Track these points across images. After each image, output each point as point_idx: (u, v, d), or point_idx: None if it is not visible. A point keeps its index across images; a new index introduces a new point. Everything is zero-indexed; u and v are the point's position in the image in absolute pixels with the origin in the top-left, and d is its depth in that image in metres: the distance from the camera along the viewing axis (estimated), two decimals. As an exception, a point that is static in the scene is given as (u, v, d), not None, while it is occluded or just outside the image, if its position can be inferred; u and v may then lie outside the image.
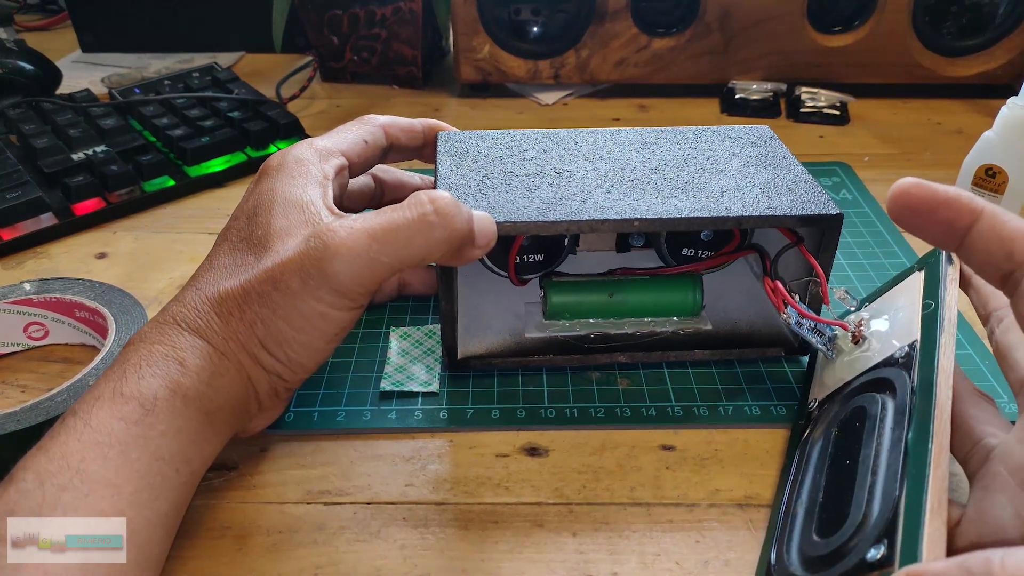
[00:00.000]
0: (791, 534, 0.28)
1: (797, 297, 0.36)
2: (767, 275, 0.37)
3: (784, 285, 0.36)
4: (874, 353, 0.32)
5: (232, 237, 0.33)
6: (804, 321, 0.35)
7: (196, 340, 0.30)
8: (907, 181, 0.26)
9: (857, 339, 0.33)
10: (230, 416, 0.31)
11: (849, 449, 0.28)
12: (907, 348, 0.29)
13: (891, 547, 0.23)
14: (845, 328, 0.34)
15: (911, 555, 0.22)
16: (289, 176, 0.34)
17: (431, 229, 0.30)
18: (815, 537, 0.27)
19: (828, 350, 0.35)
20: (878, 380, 0.30)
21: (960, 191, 0.26)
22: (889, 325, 0.32)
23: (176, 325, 0.31)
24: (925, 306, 0.30)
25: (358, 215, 0.31)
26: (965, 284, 0.30)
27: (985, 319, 0.31)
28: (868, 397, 0.30)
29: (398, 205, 0.31)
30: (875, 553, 0.23)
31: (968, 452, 0.28)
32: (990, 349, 0.29)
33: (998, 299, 0.30)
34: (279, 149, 0.60)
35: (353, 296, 0.30)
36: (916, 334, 0.29)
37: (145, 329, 0.31)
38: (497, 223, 0.34)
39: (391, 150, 0.41)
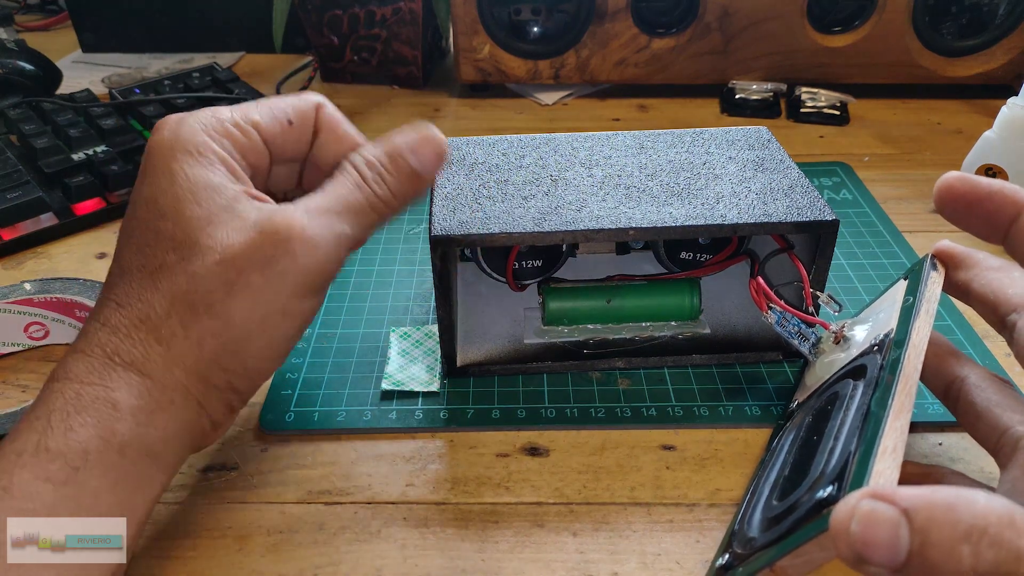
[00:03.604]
0: (755, 508, 0.28)
1: (784, 301, 0.36)
2: (752, 277, 0.37)
3: (770, 286, 0.36)
4: (854, 351, 0.32)
5: (138, 232, 0.28)
6: (788, 322, 0.35)
7: (131, 376, 0.26)
8: (951, 175, 0.26)
9: (839, 339, 0.33)
10: (178, 447, 0.28)
11: (818, 428, 0.28)
12: (882, 336, 0.29)
13: (840, 488, 0.22)
14: (827, 327, 0.34)
15: (858, 486, 0.21)
16: (185, 154, 0.28)
17: (383, 202, 0.30)
18: (774, 502, 0.27)
19: (811, 353, 0.35)
20: (854, 369, 0.30)
21: (1004, 183, 0.26)
22: (870, 326, 0.32)
23: (107, 359, 0.26)
24: (904, 300, 0.30)
25: (299, 199, 0.29)
26: (965, 294, 0.30)
27: (999, 324, 0.28)
28: (842, 384, 0.30)
29: (336, 179, 0.30)
30: (823, 493, 0.23)
31: (997, 442, 0.26)
32: (1012, 352, 0.27)
33: (1010, 303, 0.28)
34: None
35: (321, 283, 0.29)
36: (892, 324, 0.29)
37: (70, 363, 0.27)
38: (493, 234, 0.34)
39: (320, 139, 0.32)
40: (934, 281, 0.29)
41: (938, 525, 0.18)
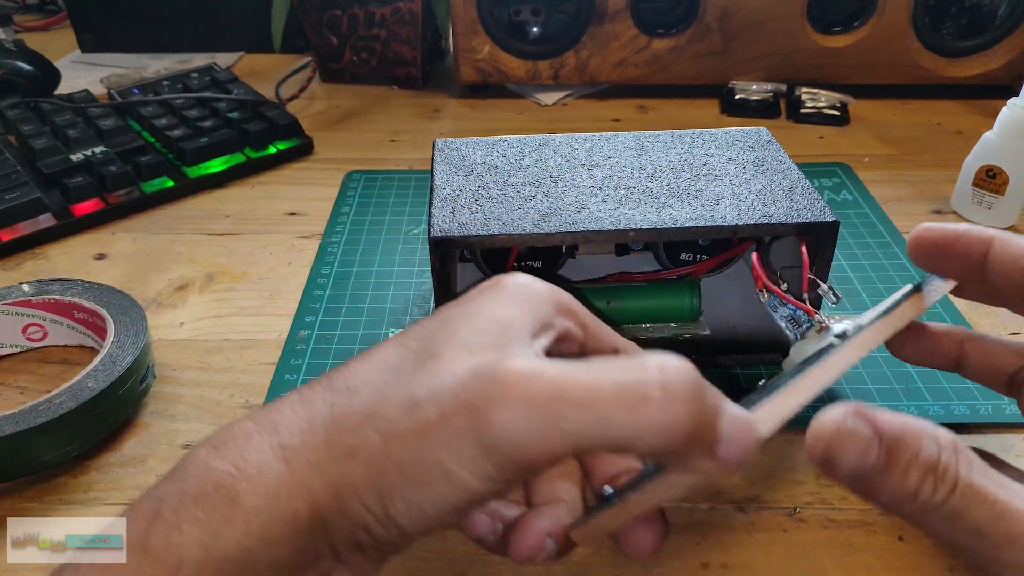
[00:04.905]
0: None
1: (785, 286, 0.36)
2: (754, 251, 0.36)
3: (772, 271, 0.35)
4: (827, 341, 0.31)
5: (412, 332, 0.25)
6: (780, 307, 0.35)
7: (272, 457, 0.22)
8: (921, 227, 0.27)
9: (821, 329, 0.33)
10: (287, 573, 0.23)
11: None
12: (854, 327, 0.29)
13: None
14: (811, 313, 0.34)
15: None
16: (512, 298, 0.25)
17: (646, 405, 0.20)
18: None
19: (796, 339, 0.35)
20: (817, 353, 0.29)
21: (970, 226, 0.27)
22: (854, 321, 0.32)
23: (270, 433, 0.23)
24: (899, 298, 0.30)
25: (555, 360, 0.22)
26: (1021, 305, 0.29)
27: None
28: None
29: (611, 360, 0.21)
30: None
31: None
32: None
33: None
34: (278, 150, 0.61)
35: (503, 465, 0.21)
36: (871, 317, 0.29)
37: (236, 426, 0.23)
38: (493, 235, 0.34)
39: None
40: (936, 288, 0.29)
41: (901, 451, 0.21)
